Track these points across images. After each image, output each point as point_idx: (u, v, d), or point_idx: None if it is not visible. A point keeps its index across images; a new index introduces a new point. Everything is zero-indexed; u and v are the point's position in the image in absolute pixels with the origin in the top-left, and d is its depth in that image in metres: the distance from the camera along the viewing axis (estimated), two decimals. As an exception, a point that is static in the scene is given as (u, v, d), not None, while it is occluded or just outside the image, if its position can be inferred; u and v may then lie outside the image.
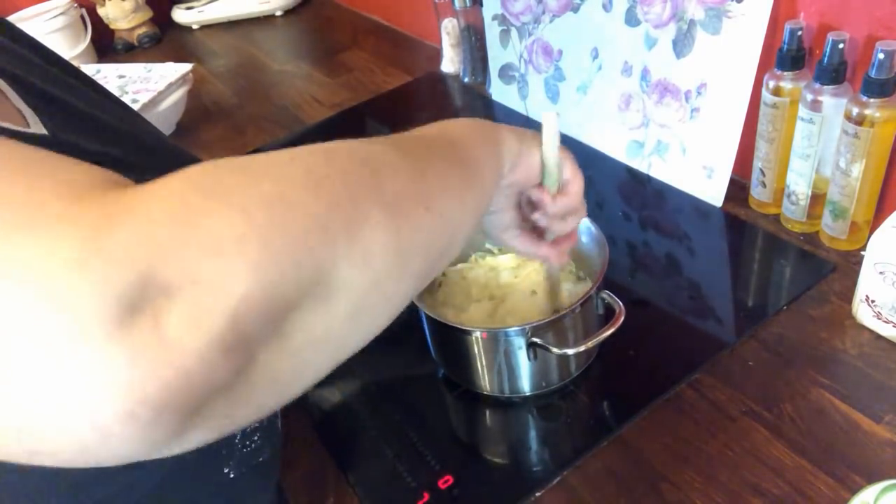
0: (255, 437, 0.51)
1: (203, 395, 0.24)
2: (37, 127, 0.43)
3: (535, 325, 0.59)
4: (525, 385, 0.65)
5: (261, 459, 0.52)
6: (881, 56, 0.62)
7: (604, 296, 0.63)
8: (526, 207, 0.54)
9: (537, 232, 0.56)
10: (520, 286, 0.69)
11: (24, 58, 0.49)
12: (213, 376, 0.24)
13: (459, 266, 0.73)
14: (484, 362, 0.64)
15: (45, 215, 0.23)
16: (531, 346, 0.60)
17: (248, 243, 0.24)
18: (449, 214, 0.37)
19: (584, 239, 0.69)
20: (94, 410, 0.22)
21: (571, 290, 0.68)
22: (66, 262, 0.21)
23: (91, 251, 0.22)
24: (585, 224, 0.68)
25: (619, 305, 0.61)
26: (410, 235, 0.32)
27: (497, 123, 0.48)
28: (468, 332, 0.62)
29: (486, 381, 0.65)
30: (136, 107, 1.10)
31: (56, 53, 0.54)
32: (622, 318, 0.59)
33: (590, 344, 0.59)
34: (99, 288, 0.21)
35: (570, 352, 0.60)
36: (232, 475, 0.49)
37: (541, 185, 0.52)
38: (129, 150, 0.50)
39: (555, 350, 0.60)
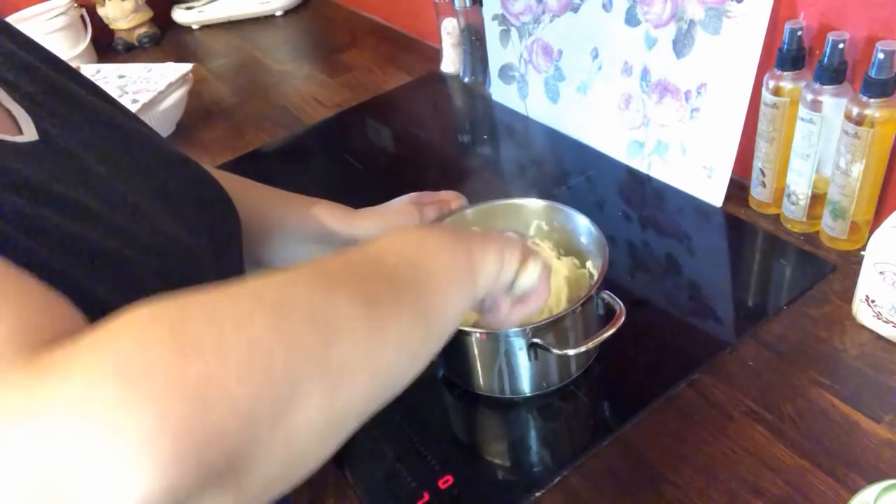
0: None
1: None
2: (29, 131, 0.43)
3: (535, 325, 0.59)
4: (525, 386, 0.65)
5: None
6: (881, 56, 0.62)
7: (604, 296, 0.63)
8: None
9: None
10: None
11: (21, 59, 0.49)
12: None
13: None
14: (484, 363, 0.64)
15: None
16: (532, 346, 0.60)
17: (157, 442, 0.24)
18: (400, 371, 0.36)
19: (585, 240, 0.69)
20: None
21: (570, 278, 0.67)
22: None
23: (7, 437, 0.23)
24: (586, 224, 0.68)
25: (619, 306, 0.61)
26: (345, 405, 0.32)
27: (479, 243, 0.45)
28: (468, 333, 0.62)
29: (486, 382, 0.65)
30: (136, 107, 1.10)
31: (54, 55, 0.54)
32: (623, 319, 0.59)
33: (590, 344, 0.59)
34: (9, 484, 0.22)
35: (571, 352, 0.60)
36: None
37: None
38: (127, 154, 0.50)
39: (555, 351, 0.60)
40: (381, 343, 0.34)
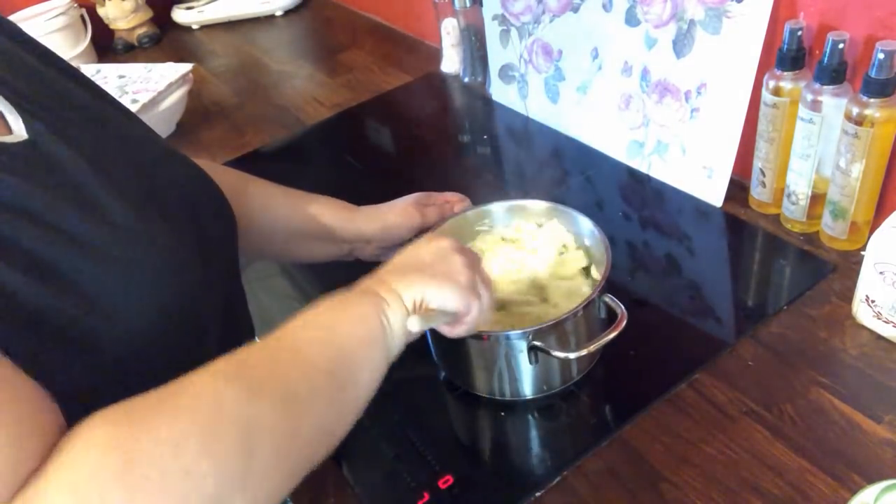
0: None
1: None
2: (19, 130, 0.43)
3: (536, 328, 0.59)
4: (526, 389, 0.65)
5: None
6: (881, 56, 0.62)
7: (606, 299, 0.62)
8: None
9: None
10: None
11: (18, 58, 0.49)
12: None
13: None
14: (485, 366, 0.64)
15: None
16: (532, 349, 0.60)
17: None
18: (316, 451, 0.42)
19: (588, 242, 0.69)
20: None
21: (568, 259, 0.69)
22: None
23: None
24: (588, 227, 0.68)
25: (621, 309, 0.60)
26: (266, 496, 0.38)
27: (383, 294, 0.49)
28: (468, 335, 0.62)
29: (487, 385, 0.65)
30: (136, 107, 1.10)
31: (55, 54, 0.54)
32: (624, 323, 0.59)
33: (591, 348, 0.59)
34: None
35: (572, 356, 0.60)
36: None
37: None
38: (118, 152, 0.49)
39: (556, 354, 0.59)
40: (299, 437, 0.40)
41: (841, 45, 0.65)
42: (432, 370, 0.70)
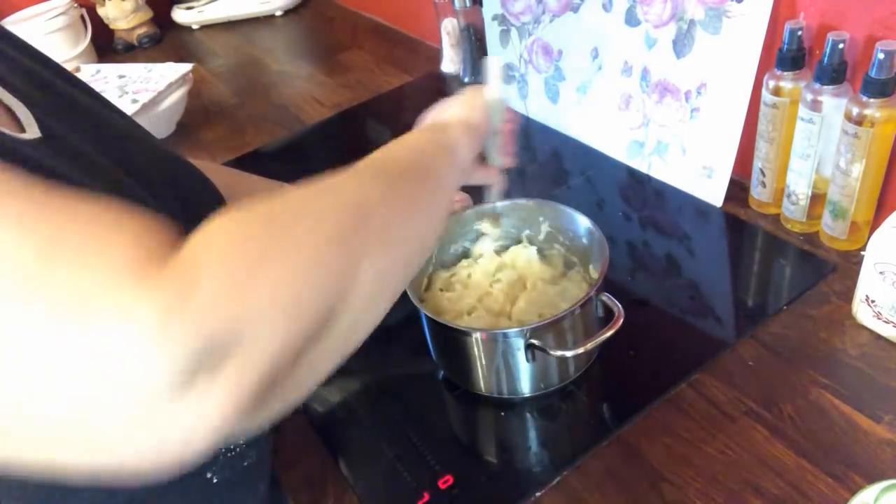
0: (240, 442, 0.51)
1: (231, 432, 0.28)
2: (31, 129, 0.43)
3: (533, 326, 0.59)
4: (524, 386, 0.65)
5: (246, 464, 0.51)
6: (881, 56, 0.62)
7: (603, 298, 0.62)
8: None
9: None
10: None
11: (17, 60, 0.49)
12: (241, 418, 0.28)
13: (462, 267, 0.73)
14: (483, 364, 0.64)
15: (122, 283, 0.26)
16: (529, 347, 0.60)
17: (281, 306, 0.29)
18: (422, 234, 0.44)
19: (585, 241, 0.69)
20: (156, 462, 0.28)
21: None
22: (145, 330, 0.25)
23: (166, 323, 0.26)
24: (586, 225, 0.68)
25: (618, 308, 0.61)
26: (393, 262, 0.39)
27: (446, 122, 0.57)
28: (467, 334, 0.62)
29: (485, 383, 0.65)
30: (136, 107, 1.10)
31: (49, 57, 0.54)
32: (621, 321, 0.59)
33: (588, 346, 0.59)
34: (172, 354, 0.25)
35: (569, 354, 0.60)
36: (215, 480, 0.49)
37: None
38: (122, 154, 0.50)
39: (553, 352, 0.60)
40: (402, 215, 0.42)
41: (841, 45, 0.65)
42: (431, 369, 0.70)
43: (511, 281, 0.70)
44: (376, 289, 0.36)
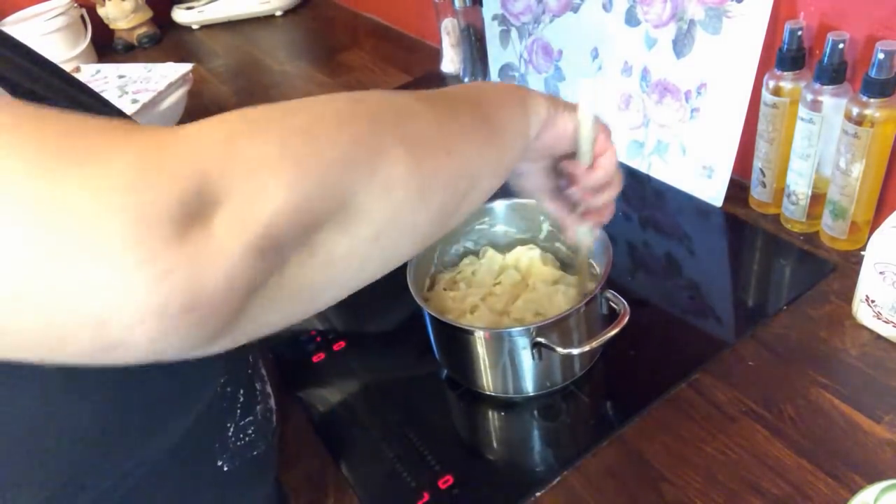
0: (249, 431, 0.51)
1: (243, 295, 0.27)
2: None
3: (539, 325, 0.59)
4: (529, 385, 0.65)
5: (255, 453, 0.52)
6: (881, 56, 0.62)
7: (608, 295, 0.63)
8: (561, 181, 0.55)
9: (572, 205, 0.57)
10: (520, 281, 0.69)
11: (16, 60, 0.49)
12: (250, 277, 0.27)
13: (464, 265, 0.73)
14: (488, 363, 0.64)
15: (105, 142, 0.26)
16: (535, 345, 0.60)
17: (283, 164, 0.29)
18: (469, 162, 0.39)
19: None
20: (163, 305, 0.25)
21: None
22: (131, 177, 0.25)
23: (153, 166, 0.25)
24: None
25: (623, 305, 0.61)
26: (431, 173, 0.36)
27: (531, 89, 0.50)
28: (471, 332, 0.62)
29: (489, 382, 0.65)
30: (136, 107, 1.10)
31: (44, 57, 0.54)
32: (627, 318, 0.59)
33: (595, 344, 0.59)
34: (162, 198, 0.25)
35: (575, 351, 0.60)
36: (226, 468, 0.49)
37: (573, 156, 0.52)
38: None
39: (559, 350, 0.59)
40: (446, 131, 0.38)
41: (841, 45, 0.65)
42: (434, 369, 0.70)
43: (514, 281, 0.70)
44: (404, 202, 0.34)
